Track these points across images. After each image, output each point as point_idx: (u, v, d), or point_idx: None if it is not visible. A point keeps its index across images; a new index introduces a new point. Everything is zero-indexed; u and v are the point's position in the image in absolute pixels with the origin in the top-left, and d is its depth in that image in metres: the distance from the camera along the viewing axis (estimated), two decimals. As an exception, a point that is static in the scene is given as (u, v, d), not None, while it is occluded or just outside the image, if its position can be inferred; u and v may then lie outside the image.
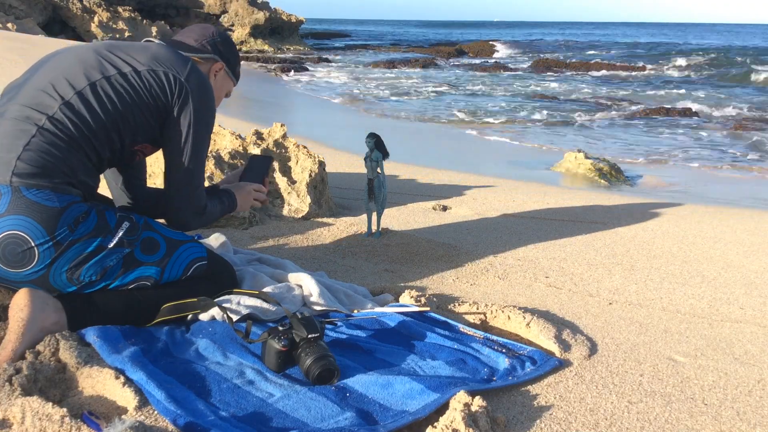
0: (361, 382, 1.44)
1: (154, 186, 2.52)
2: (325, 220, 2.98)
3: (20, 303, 1.48)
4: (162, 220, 1.84)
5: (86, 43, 1.75)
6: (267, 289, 1.85)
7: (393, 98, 11.74)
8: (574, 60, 22.85)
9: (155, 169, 2.94)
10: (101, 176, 1.76)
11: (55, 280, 1.54)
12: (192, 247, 1.76)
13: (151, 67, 1.64)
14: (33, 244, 1.47)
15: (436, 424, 1.29)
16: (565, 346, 1.74)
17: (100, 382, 1.35)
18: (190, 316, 1.70)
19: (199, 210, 1.80)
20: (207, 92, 1.73)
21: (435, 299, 1.99)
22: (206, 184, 2.51)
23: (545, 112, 10.33)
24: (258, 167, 2.20)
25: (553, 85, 15.18)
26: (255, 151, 3.10)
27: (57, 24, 19.27)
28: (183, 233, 1.79)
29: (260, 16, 23.97)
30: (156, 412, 1.28)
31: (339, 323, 1.77)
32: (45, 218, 1.48)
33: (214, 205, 1.88)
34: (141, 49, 1.69)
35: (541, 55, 25.20)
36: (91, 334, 1.50)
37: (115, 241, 1.58)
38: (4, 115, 1.55)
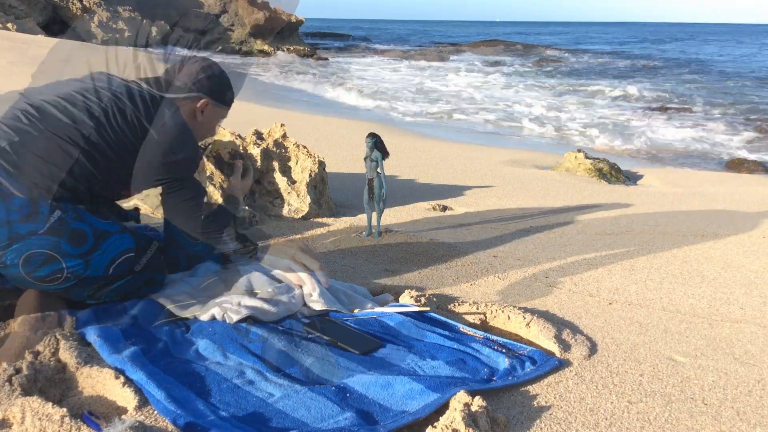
0: (361, 382, 1.44)
1: None
2: (325, 220, 2.98)
3: (23, 302, 1.49)
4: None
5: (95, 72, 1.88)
6: (267, 289, 1.85)
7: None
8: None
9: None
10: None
11: None
12: (120, 239, 1.71)
13: (134, 114, 1.77)
14: None
15: (436, 424, 1.29)
16: (565, 346, 1.74)
17: (100, 382, 1.35)
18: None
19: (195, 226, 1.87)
20: (175, 134, 1.82)
21: (435, 299, 1.99)
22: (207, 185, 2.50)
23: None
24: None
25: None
26: (255, 151, 3.09)
27: (57, 24, 19.25)
28: (113, 225, 1.73)
29: (260, 16, 23.95)
30: (156, 412, 1.28)
31: (339, 323, 1.77)
32: None
33: (230, 237, 1.92)
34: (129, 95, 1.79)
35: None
36: (92, 334, 1.50)
37: (45, 228, 1.56)
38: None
